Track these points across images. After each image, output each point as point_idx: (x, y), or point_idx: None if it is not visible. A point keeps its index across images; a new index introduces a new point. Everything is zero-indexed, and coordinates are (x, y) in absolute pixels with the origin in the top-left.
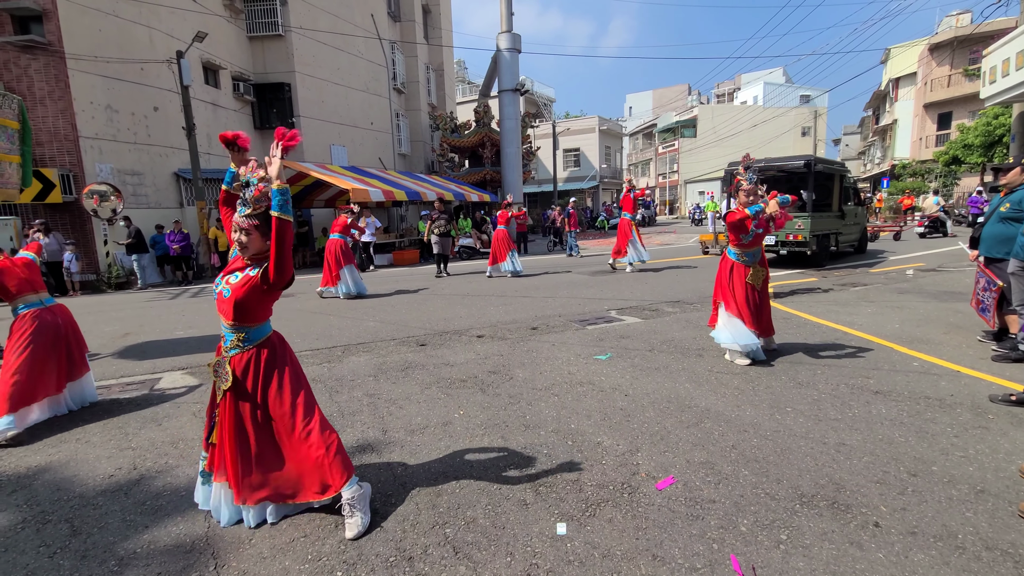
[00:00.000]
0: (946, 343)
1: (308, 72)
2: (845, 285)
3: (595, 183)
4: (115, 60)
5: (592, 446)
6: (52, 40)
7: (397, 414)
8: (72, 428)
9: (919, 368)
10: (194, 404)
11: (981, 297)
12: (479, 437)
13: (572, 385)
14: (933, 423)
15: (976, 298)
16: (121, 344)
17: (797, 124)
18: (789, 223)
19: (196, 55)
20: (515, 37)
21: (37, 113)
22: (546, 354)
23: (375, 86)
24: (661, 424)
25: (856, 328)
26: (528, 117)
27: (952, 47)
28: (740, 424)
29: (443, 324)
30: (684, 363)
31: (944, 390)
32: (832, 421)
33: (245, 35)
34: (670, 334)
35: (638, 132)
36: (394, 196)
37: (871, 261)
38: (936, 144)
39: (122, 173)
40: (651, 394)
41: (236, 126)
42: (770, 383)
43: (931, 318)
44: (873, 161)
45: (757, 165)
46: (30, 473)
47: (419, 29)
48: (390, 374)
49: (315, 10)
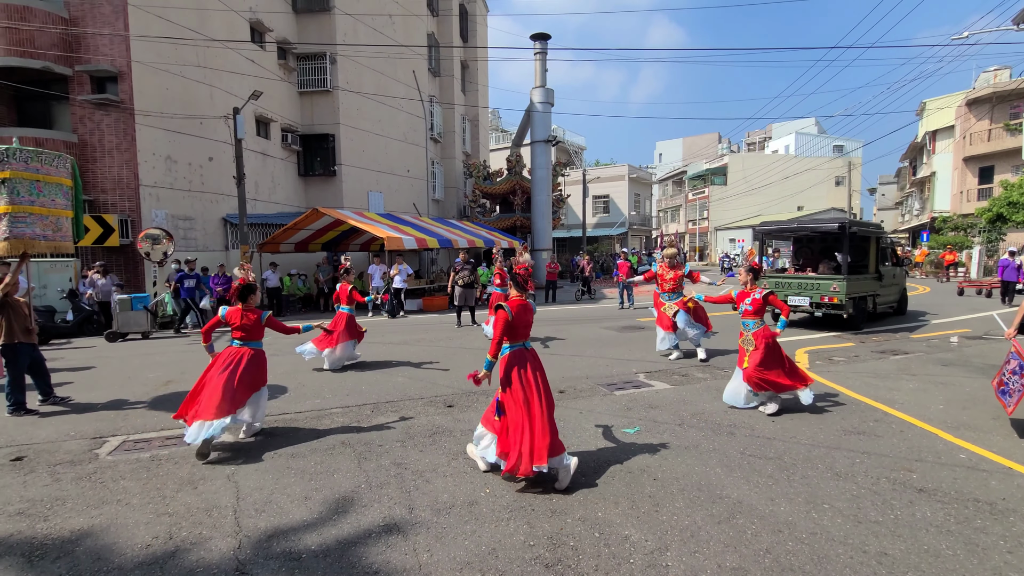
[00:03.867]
0: (995, 431)
1: (352, 124)
2: (884, 353)
3: (624, 230)
4: (178, 116)
5: (619, 540)
6: (124, 98)
7: (424, 488)
8: (114, 487)
9: (967, 462)
10: (228, 466)
11: (1007, 380)
12: (505, 521)
13: (600, 464)
14: (984, 533)
15: (1000, 378)
16: (163, 391)
17: (831, 174)
18: (824, 284)
19: (250, 109)
20: (548, 92)
21: (104, 163)
22: (573, 424)
23: (413, 136)
24: (691, 518)
25: (897, 407)
26: (559, 165)
27: (992, 102)
28: (774, 522)
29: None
30: (715, 442)
31: (995, 492)
32: (873, 524)
33: (296, 91)
34: (700, 405)
35: (667, 179)
36: (427, 244)
37: (912, 325)
38: (978, 198)
39: (175, 218)
40: (680, 479)
41: (282, 174)
42: (806, 472)
43: (978, 398)
44: (911, 212)
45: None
46: (73, 538)
47: (457, 84)
48: (418, 440)
49: (361, 68)
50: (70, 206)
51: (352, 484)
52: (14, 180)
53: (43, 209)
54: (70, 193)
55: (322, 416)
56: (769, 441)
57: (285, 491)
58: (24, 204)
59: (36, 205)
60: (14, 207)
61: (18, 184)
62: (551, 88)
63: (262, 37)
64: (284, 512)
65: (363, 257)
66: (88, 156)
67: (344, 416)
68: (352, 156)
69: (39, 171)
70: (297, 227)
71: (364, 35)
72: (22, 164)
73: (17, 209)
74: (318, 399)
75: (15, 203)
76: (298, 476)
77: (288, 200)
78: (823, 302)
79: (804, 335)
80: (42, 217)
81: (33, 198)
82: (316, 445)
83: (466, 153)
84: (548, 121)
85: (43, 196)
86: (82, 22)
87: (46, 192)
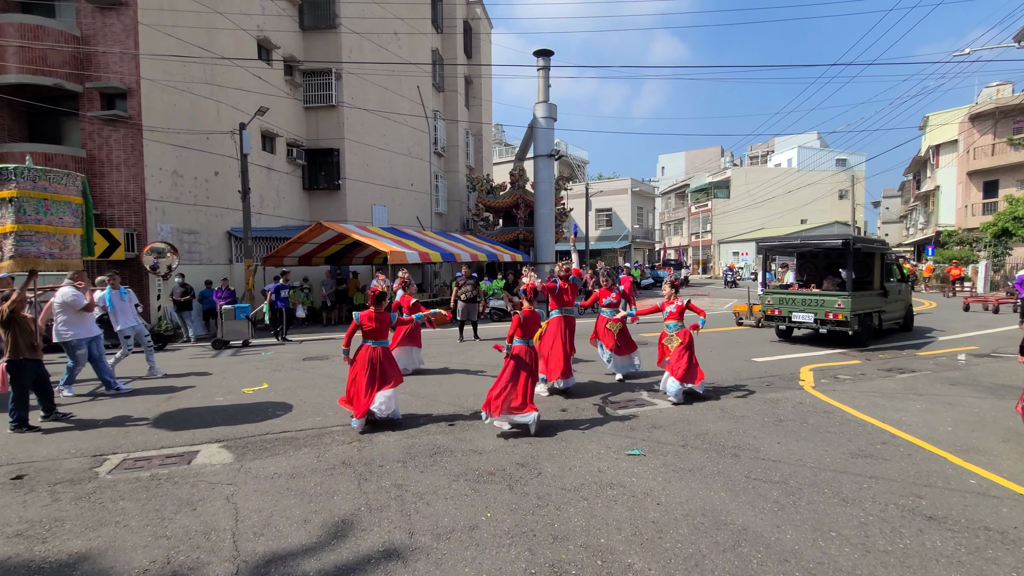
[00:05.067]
0: (1005, 455)
1: (356, 138)
2: (891, 371)
3: (627, 243)
4: (185, 131)
5: (622, 569)
6: (133, 114)
7: (424, 512)
8: (113, 507)
9: (976, 487)
10: (227, 486)
11: None
12: (506, 548)
13: (602, 487)
14: (995, 564)
15: None
16: (164, 408)
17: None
18: (829, 301)
19: (256, 125)
20: (551, 107)
21: (111, 178)
22: (576, 445)
23: (417, 150)
24: (696, 545)
25: (904, 429)
26: (562, 180)
27: (995, 117)
28: (780, 551)
29: (472, 400)
30: (719, 464)
31: (1006, 520)
32: (881, 554)
33: (302, 106)
34: (704, 425)
35: (670, 192)
36: (430, 258)
37: (919, 342)
38: (983, 212)
39: (180, 232)
40: (684, 504)
41: (287, 188)
42: (812, 497)
43: (987, 420)
44: (916, 226)
45: (793, 243)
46: (71, 561)
47: (461, 99)
48: (419, 460)
49: (367, 84)
50: (79, 223)
51: (352, 507)
52: (21, 199)
53: (50, 227)
54: (80, 211)
55: (323, 435)
56: (774, 464)
57: (284, 513)
58: (30, 223)
59: (43, 223)
60: (20, 226)
61: (25, 203)
62: (554, 103)
63: (269, 54)
64: (283, 536)
65: (367, 271)
66: (96, 171)
67: (345, 435)
68: (356, 170)
69: (47, 189)
70: (301, 241)
71: (370, 52)
72: (30, 183)
73: (23, 228)
74: (319, 417)
75: (21, 221)
76: (298, 497)
77: (293, 214)
78: (828, 319)
79: (809, 351)
80: (49, 235)
81: (40, 216)
82: (317, 465)
83: (469, 167)
84: (551, 136)
85: (50, 215)
86: (93, 40)
87: (54, 210)
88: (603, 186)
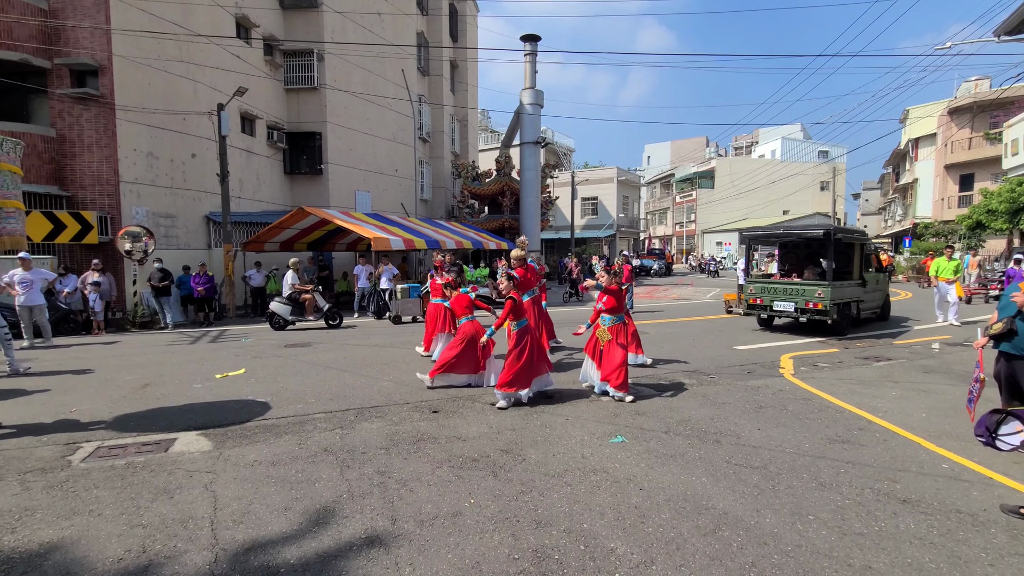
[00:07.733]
0: (976, 441)
1: (339, 122)
2: (868, 359)
3: (612, 232)
4: (160, 111)
5: (605, 553)
6: (105, 93)
7: (408, 498)
8: (87, 496)
9: (949, 472)
10: (206, 474)
11: (971, 388)
12: (489, 533)
13: (585, 473)
14: (966, 545)
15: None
16: (141, 395)
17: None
18: (809, 290)
19: (235, 106)
20: (538, 93)
21: (83, 158)
22: (559, 431)
23: (401, 135)
24: (677, 530)
25: (880, 416)
26: (548, 167)
27: (972, 111)
28: (760, 534)
29: (455, 389)
30: (701, 450)
31: (976, 503)
32: (857, 536)
33: (283, 88)
34: (687, 412)
35: (655, 181)
36: (415, 245)
37: (895, 331)
38: (959, 204)
39: (156, 215)
40: (666, 489)
41: (268, 172)
42: (791, 482)
43: (959, 406)
44: (894, 218)
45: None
46: (42, 551)
47: (446, 84)
48: (402, 447)
49: (349, 66)
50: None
51: (334, 494)
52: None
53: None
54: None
55: (305, 422)
56: (755, 450)
57: (264, 501)
58: (11, 199)
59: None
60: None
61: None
62: (540, 90)
63: (248, 33)
64: (263, 524)
65: (349, 257)
66: (67, 151)
67: (327, 422)
68: (339, 155)
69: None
70: (282, 226)
71: (353, 33)
72: (4, 155)
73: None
74: (300, 404)
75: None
76: (278, 485)
77: (273, 198)
78: (808, 308)
79: (789, 340)
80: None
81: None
82: (298, 452)
83: (455, 153)
84: (537, 123)
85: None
86: (62, 14)
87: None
88: (589, 175)
